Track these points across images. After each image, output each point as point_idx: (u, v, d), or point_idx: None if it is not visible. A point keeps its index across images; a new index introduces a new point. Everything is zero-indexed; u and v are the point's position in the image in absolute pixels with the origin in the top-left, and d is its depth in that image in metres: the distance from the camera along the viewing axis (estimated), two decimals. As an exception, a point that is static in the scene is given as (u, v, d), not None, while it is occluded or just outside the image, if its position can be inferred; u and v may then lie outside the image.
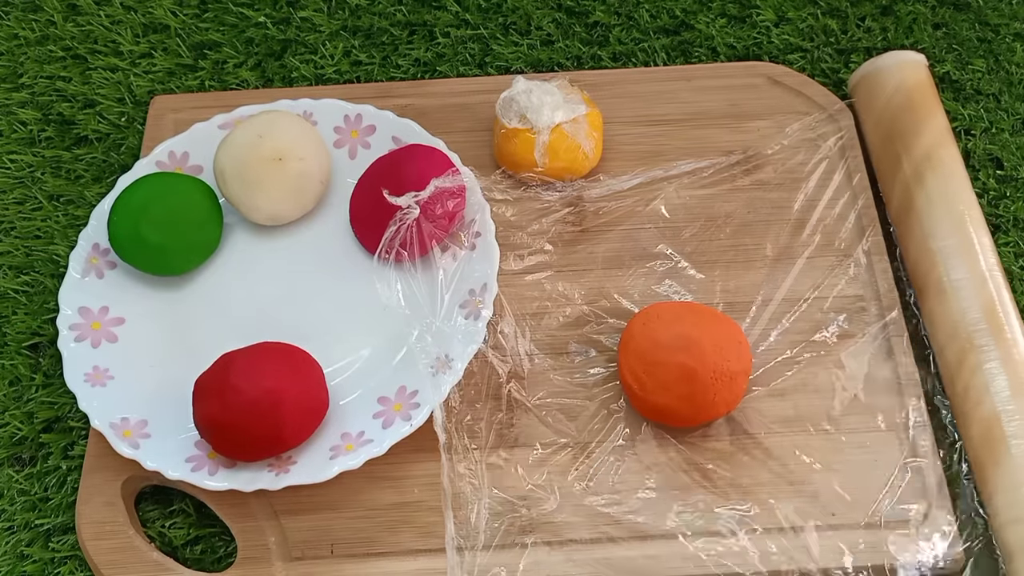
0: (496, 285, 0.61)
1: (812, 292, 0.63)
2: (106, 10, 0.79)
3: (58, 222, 0.70)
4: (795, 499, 0.57)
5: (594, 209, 0.67)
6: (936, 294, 0.60)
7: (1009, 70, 0.74)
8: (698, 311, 0.59)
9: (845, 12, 0.77)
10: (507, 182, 0.67)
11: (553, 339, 0.62)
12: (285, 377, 0.56)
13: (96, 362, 0.60)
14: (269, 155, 0.63)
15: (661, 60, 0.75)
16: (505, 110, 0.66)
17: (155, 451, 0.57)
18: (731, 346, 0.58)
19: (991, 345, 0.57)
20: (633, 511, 0.57)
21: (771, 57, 0.75)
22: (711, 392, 0.56)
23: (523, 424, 0.60)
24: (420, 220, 0.61)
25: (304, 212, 0.66)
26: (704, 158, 0.68)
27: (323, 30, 0.77)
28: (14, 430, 0.63)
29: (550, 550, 0.56)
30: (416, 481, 0.58)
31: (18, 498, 0.61)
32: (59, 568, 0.59)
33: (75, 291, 0.62)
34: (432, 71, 0.76)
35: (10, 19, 0.79)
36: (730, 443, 0.59)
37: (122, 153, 0.73)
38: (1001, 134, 0.71)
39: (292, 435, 0.56)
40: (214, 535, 0.59)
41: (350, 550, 0.57)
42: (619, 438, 0.59)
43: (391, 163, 0.64)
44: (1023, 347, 0.57)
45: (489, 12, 0.78)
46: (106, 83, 0.76)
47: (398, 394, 0.59)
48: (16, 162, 0.73)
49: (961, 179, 0.64)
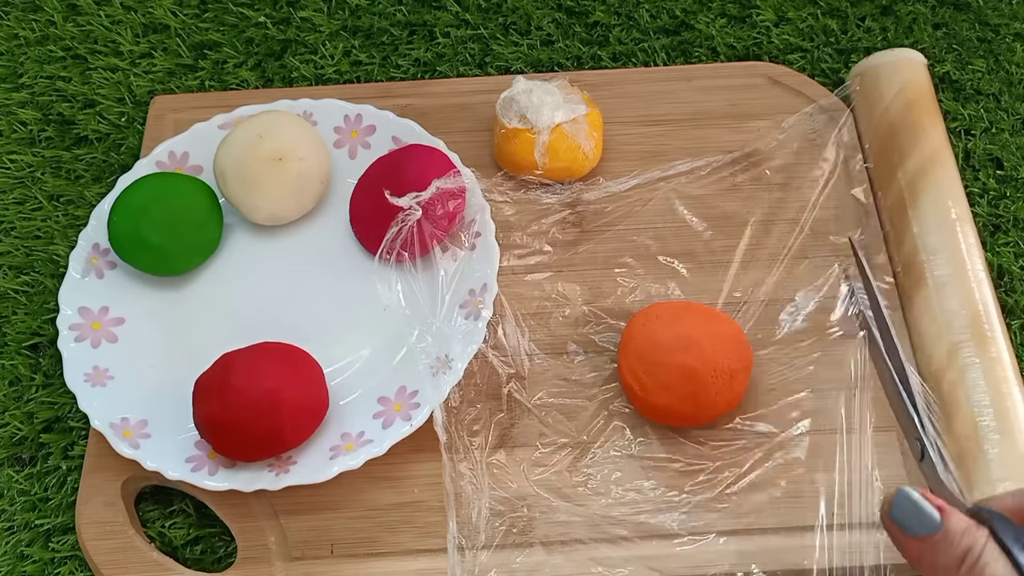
0: (496, 285, 0.61)
1: (811, 291, 0.63)
2: (106, 10, 0.79)
3: (58, 222, 0.70)
4: (796, 499, 0.57)
5: (593, 210, 0.67)
6: (923, 294, 0.61)
7: (1009, 70, 0.74)
8: (697, 311, 0.59)
9: (845, 12, 0.77)
10: (507, 183, 0.67)
11: (553, 339, 0.62)
12: (285, 377, 0.56)
13: (96, 362, 0.60)
14: (269, 155, 0.63)
15: (661, 60, 0.75)
16: (505, 110, 0.66)
17: (155, 451, 0.57)
18: (731, 344, 0.58)
19: (973, 345, 0.57)
20: (633, 511, 0.57)
21: (771, 57, 0.75)
22: (712, 391, 0.56)
23: (523, 424, 0.60)
24: (421, 221, 0.61)
25: (304, 212, 0.66)
26: (702, 157, 0.68)
27: (323, 30, 0.77)
28: (14, 430, 0.63)
29: (550, 550, 0.56)
30: (416, 481, 0.58)
31: (18, 498, 0.61)
32: (59, 568, 0.59)
33: (75, 291, 0.62)
34: (432, 71, 0.76)
35: (10, 19, 0.79)
36: (731, 443, 0.58)
37: (122, 153, 0.73)
38: (1001, 134, 0.71)
39: (292, 435, 0.56)
40: (214, 535, 0.59)
41: (350, 550, 0.57)
42: (619, 438, 0.59)
43: (391, 163, 0.64)
44: (1003, 347, 0.58)
45: (489, 12, 0.78)
46: (106, 83, 0.76)
47: (398, 394, 0.59)
48: (16, 162, 0.73)
49: (955, 184, 0.64)
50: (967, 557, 0.40)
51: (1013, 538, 0.41)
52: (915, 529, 0.42)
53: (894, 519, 0.43)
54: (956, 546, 0.41)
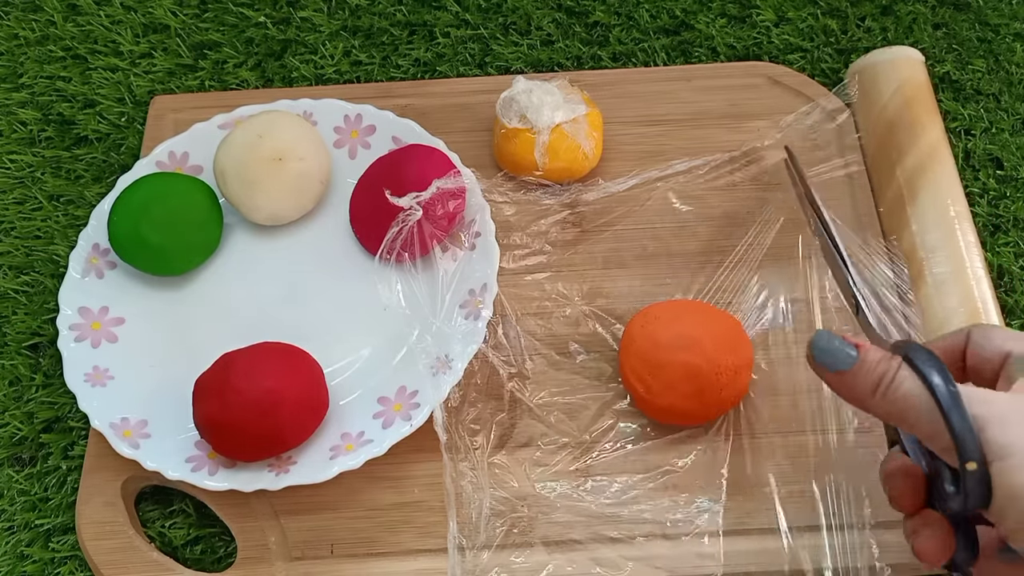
0: (496, 285, 0.61)
1: (811, 291, 0.63)
2: (106, 10, 0.79)
3: (58, 222, 0.70)
4: (798, 499, 0.57)
5: (593, 210, 0.67)
6: (922, 291, 0.61)
7: (1009, 70, 0.74)
8: (695, 308, 0.60)
9: (845, 12, 0.77)
10: (508, 184, 0.67)
11: (553, 339, 0.62)
12: (285, 377, 0.56)
13: (96, 362, 0.60)
14: (269, 155, 0.63)
15: (661, 60, 0.75)
16: (505, 110, 0.66)
17: (155, 451, 0.57)
18: (732, 340, 0.58)
19: None
20: (634, 511, 0.57)
21: (771, 57, 0.75)
22: (717, 387, 0.56)
23: (524, 424, 0.60)
24: (421, 221, 0.61)
25: (304, 212, 0.66)
26: (700, 157, 0.68)
27: (323, 30, 0.77)
28: (14, 430, 0.63)
29: (551, 550, 0.56)
30: (416, 481, 0.58)
31: (18, 498, 0.61)
32: (59, 568, 0.59)
33: (75, 291, 0.62)
34: (432, 71, 0.76)
35: (10, 19, 0.79)
36: (732, 443, 0.58)
37: (122, 153, 0.73)
38: (1001, 134, 0.71)
39: (292, 435, 0.56)
40: (214, 535, 0.59)
41: (350, 550, 0.57)
42: (620, 438, 0.59)
43: (391, 163, 0.64)
44: None
45: (489, 12, 0.78)
46: (106, 83, 0.76)
47: (398, 394, 0.59)
48: (16, 162, 0.73)
49: (953, 182, 0.64)
50: (882, 381, 0.44)
51: (926, 360, 0.43)
52: (836, 365, 0.45)
53: (817, 360, 0.46)
54: (872, 372, 0.44)
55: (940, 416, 0.42)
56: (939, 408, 0.42)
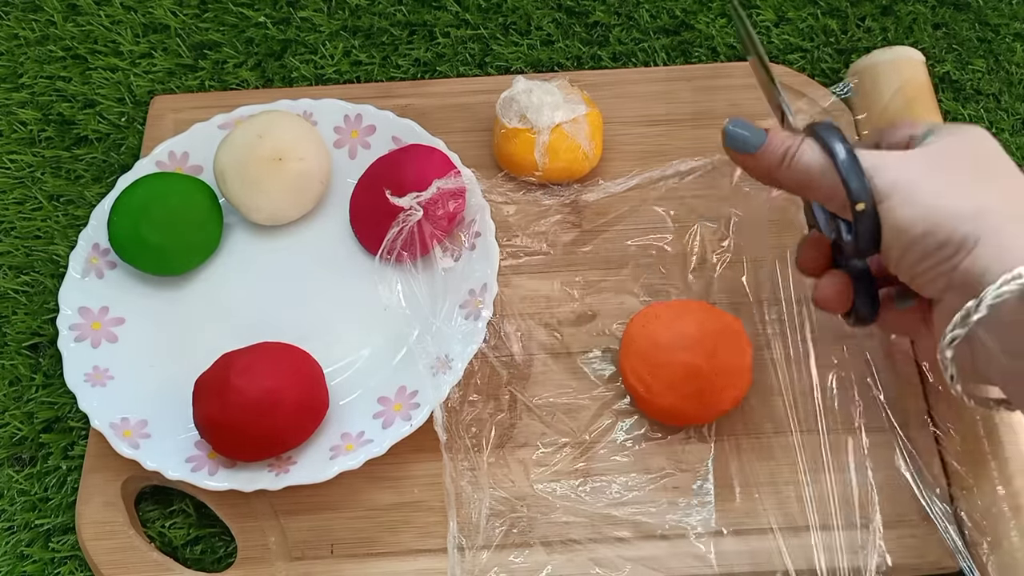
0: (496, 285, 0.61)
1: (810, 291, 0.63)
2: (106, 10, 0.79)
3: (58, 222, 0.70)
4: (798, 499, 0.57)
5: (593, 210, 0.67)
6: None
7: (1009, 70, 0.74)
8: (695, 308, 0.60)
9: (845, 12, 0.77)
10: (508, 184, 0.67)
11: (553, 339, 0.62)
12: (285, 377, 0.56)
13: (96, 362, 0.60)
14: (269, 155, 0.63)
15: (661, 60, 0.75)
16: (505, 110, 0.66)
17: (155, 451, 0.57)
18: (732, 340, 0.58)
19: None
20: (634, 511, 0.57)
21: (771, 57, 0.75)
22: (717, 388, 0.56)
23: (524, 424, 0.60)
24: (421, 221, 0.61)
25: (304, 212, 0.66)
26: (699, 157, 0.68)
27: (323, 30, 0.77)
28: (14, 430, 0.63)
29: (550, 550, 0.56)
30: (416, 481, 0.58)
31: (18, 498, 0.61)
32: (59, 568, 0.59)
33: (75, 291, 0.62)
34: (432, 71, 0.76)
35: (10, 19, 0.79)
36: (732, 442, 0.59)
37: (122, 153, 0.73)
38: (1001, 134, 0.71)
39: (292, 435, 0.56)
40: (214, 535, 0.59)
41: (350, 550, 0.57)
42: (620, 438, 0.59)
43: (391, 163, 0.64)
44: None
45: (489, 12, 0.78)
46: (106, 83, 0.76)
47: (398, 394, 0.59)
48: (16, 162, 0.73)
49: None
50: (787, 154, 0.49)
51: (827, 129, 0.48)
52: (746, 148, 0.50)
53: (729, 143, 0.50)
54: (778, 148, 0.49)
55: (836, 173, 0.46)
56: (834, 164, 0.47)
